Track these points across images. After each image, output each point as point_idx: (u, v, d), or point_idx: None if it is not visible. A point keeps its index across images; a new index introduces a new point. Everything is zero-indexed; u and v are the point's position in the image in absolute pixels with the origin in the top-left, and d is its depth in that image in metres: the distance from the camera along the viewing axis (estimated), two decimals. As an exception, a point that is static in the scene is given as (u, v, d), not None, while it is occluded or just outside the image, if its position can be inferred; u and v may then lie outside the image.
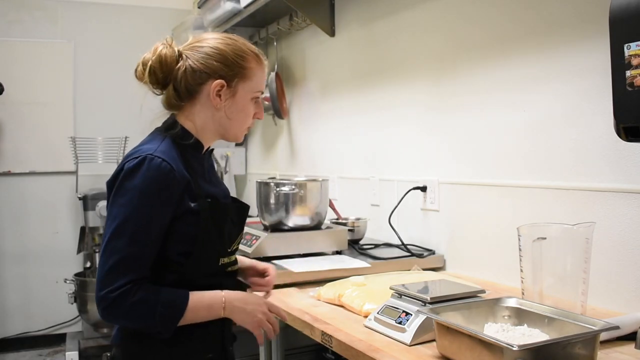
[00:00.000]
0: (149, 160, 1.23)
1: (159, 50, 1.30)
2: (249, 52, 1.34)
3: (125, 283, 1.19)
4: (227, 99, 1.33)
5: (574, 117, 1.67)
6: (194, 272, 1.29)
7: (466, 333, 1.13)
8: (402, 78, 2.45)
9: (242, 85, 1.33)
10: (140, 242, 1.21)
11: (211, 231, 1.30)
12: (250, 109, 1.37)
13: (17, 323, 4.03)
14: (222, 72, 1.31)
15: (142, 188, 1.22)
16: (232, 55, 1.31)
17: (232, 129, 1.37)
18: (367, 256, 2.13)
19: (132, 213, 1.22)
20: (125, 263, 1.20)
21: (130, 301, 1.19)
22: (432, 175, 2.25)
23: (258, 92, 1.37)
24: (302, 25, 3.17)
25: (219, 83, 1.31)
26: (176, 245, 1.27)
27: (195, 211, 1.27)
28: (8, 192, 4.02)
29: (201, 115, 1.35)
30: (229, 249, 1.38)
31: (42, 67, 4.06)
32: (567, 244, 1.40)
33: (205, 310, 1.27)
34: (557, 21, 1.73)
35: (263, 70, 1.37)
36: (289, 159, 3.54)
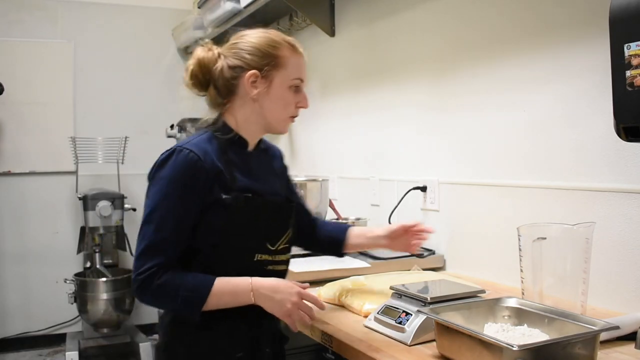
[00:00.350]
0: (178, 152, 1.30)
1: (197, 54, 1.38)
2: (282, 41, 1.37)
3: (151, 266, 1.25)
4: (263, 89, 1.35)
5: (574, 117, 1.67)
6: (222, 265, 1.31)
7: (466, 333, 1.13)
8: (402, 78, 2.45)
9: (276, 73, 1.35)
10: (167, 228, 1.27)
11: (244, 225, 1.32)
12: (288, 97, 1.38)
13: (17, 323, 4.02)
14: (255, 62, 1.34)
15: (169, 177, 1.29)
16: (263, 46, 1.35)
17: (272, 119, 1.39)
18: (367, 256, 2.13)
19: (160, 201, 1.29)
20: (152, 248, 1.27)
21: (156, 283, 1.24)
22: (432, 175, 2.25)
23: (296, 80, 1.38)
24: (302, 25, 3.17)
25: (252, 74, 1.34)
26: (206, 236, 1.31)
27: (225, 203, 1.30)
28: (8, 192, 4.02)
29: (242, 109, 1.39)
30: (270, 246, 1.37)
31: (42, 67, 4.05)
32: (567, 244, 1.40)
33: (229, 296, 1.28)
34: (556, 21, 1.73)
35: (299, 59, 1.39)
36: (289, 159, 3.54)
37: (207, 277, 1.28)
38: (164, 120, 4.01)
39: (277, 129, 1.43)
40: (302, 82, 1.40)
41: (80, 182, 3.91)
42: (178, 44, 4.35)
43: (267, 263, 1.37)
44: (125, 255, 4.00)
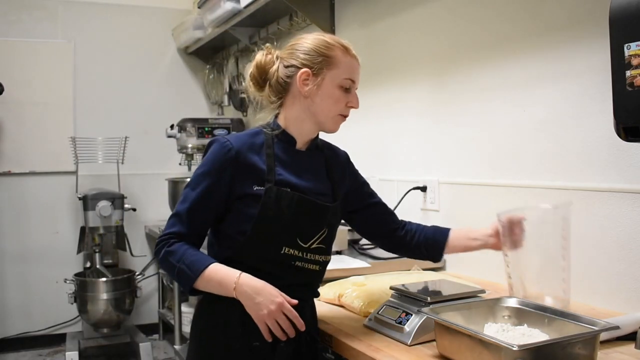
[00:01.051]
0: (217, 141, 1.40)
1: (257, 58, 1.46)
2: (335, 43, 1.43)
3: (167, 233, 1.37)
4: (314, 86, 1.41)
5: (574, 117, 1.67)
6: (249, 253, 1.37)
7: (466, 333, 1.13)
8: (402, 78, 2.45)
9: (328, 73, 1.40)
10: (188, 204, 1.37)
11: (274, 217, 1.36)
12: (338, 96, 1.42)
13: (17, 323, 4.02)
14: (307, 62, 1.40)
15: (204, 162, 1.40)
16: (316, 46, 1.41)
17: (322, 115, 1.44)
18: (367, 256, 2.13)
19: (192, 180, 1.40)
20: (174, 217, 1.39)
21: (166, 250, 1.36)
22: (432, 175, 2.25)
23: (347, 81, 1.42)
24: (302, 25, 3.17)
25: (304, 72, 1.40)
26: (238, 224, 1.38)
27: (257, 194, 1.36)
28: (8, 192, 4.02)
29: (294, 107, 1.44)
30: (302, 242, 1.39)
31: (42, 67, 4.05)
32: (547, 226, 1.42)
33: (216, 284, 1.33)
34: (556, 21, 1.73)
35: (351, 60, 1.43)
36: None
37: (206, 260, 1.35)
38: (164, 120, 4.01)
39: (327, 126, 1.47)
40: (353, 82, 1.44)
41: (80, 182, 3.91)
42: (178, 44, 4.35)
43: (295, 258, 1.39)
44: (125, 255, 4.00)
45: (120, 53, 4.24)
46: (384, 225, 1.65)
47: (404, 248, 1.64)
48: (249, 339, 1.35)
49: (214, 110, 4.47)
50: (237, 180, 1.37)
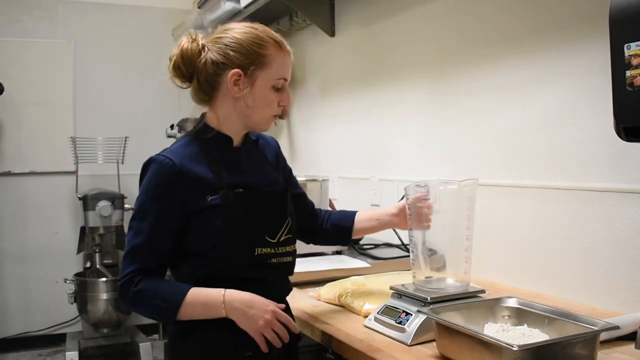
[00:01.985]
0: (155, 161, 1.32)
1: (182, 44, 1.34)
2: (268, 39, 1.33)
3: (128, 272, 1.27)
4: (246, 88, 1.32)
5: (574, 117, 1.67)
6: (225, 265, 1.30)
7: (466, 333, 1.13)
8: (402, 78, 2.45)
9: (260, 73, 1.32)
10: (143, 235, 1.28)
11: (238, 221, 1.30)
12: (271, 97, 1.35)
13: (17, 323, 4.02)
14: (239, 61, 1.31)
15: (146, 185, 1.32)
16: (248, 43, 1.31)
17: (254, 118, 1.36)
18: (367, 256, 2.13)
19: (138, 209, 1.31)
20: (130, 254, 1.29)
21: (132, 290, 1.26)
22: (432, 175, 2.25)
23: (280, 80, 1.35)
24: (302, 25, 3.17)
25: (235, 72, 1.31)
26: (202, 239, 1.29)
27: (215, 205, 1.29)
28: (8, 192, 4.02)
29: (224, 106, 1.36)
30: (271, 239, 1.34)
31: (42, 67, 4.05)
32: (452, 205, 1.44)
33: (201, 308, 1.26)
34: (557, 21, 1.73)
35: (284, 57, 1.35)
36: (289, 159, 3.53)
37: (182, 287, 1.27)
38: (164, 120, 4.02)
39: (259, 128, 1.40)
40: (286, 81, 1.37)
41: (80, 182, 3.91)
42: (178, 44, 4.34)
43: (269, 256, 1.34)
44: (125, 255, 3.99)
45: (120, 53, 4.24)
46: (309, 216, 1.61)
47: (315, 236, 1.62)
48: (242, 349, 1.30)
49: (214, 110, 4.46)
50: (188, 195, 1.29)
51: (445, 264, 1.46)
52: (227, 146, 1.38)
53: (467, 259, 1.42)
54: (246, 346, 1.29)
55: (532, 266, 1.81)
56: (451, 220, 1.46)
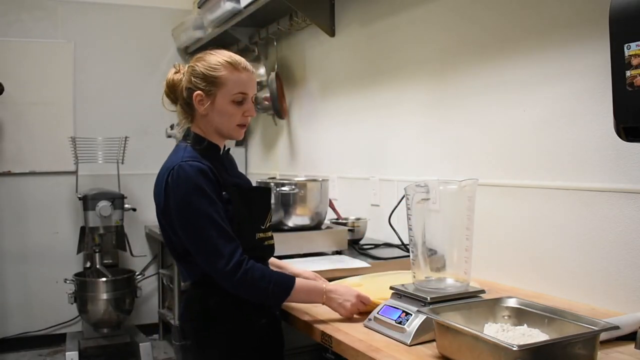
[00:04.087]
0: (183, 167, 1.50)
1: (168, 76, 1.64)
2: (223, 61, 1.56)
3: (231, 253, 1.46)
4: (208, 105, 1.56)
5: (574, 117, 1.67)
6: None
7: (466, 333, 1.13)
8: (402, 78, 2.45)
9: (218, 91, 1.56)
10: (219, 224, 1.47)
11: (243, 213, 1.56)
12: (231, 110, 1.57)
13: (17, 323, 4.02)
14: (199, 84, 1.56)
15: (191, 186, 1.48)
16: (204, 69, 1.56)
17: (222, 128, 1.60)
18: (367, 256, 2.13)
19: (197, 207, 1.47)
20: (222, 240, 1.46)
21: (245, 274, 1.45)
22: (432, 175, 2.25)
23: (237, 95, 1.57)
24: (302, 25, 3.17)
25: (197, 94, 1.56)
26: None
27: (226, 199, 1.54)
28: (8, 192, 4.02)
29: (202, 122, 1.61)
30: (262, 226, 1.63)
31: (43, 67, 4.05)
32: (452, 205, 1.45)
33: (305, 294, 1.53)
34: (557, 21, 1.73)
35: (239, 76, 1.57)
36: (289, 159, 3.54)
37: (289, 276, 1.53)
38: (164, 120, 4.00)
39: (231, 136, 1.63)
40: (246, 94, 1.58)
41: (80, 182, 3.91)
42: (178, 44, 4.35)
43: (264, 240, 1.63)
44: (125, 255, 4.00)
45: (120, 53, 4.24)
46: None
47: None
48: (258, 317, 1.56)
49: (214, 110, 4.46)
50: (217, 190, 1.52)
51: (445, 264, 1.46)
52: (216, 154, 1.63)
53: (467, 258, 1.42)
54: (262, 314, 1.57)
55: (532, 266, 1.81)
56: (451, 220, 1.46)
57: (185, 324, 1.61)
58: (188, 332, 1.59)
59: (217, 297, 1.54)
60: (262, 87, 3.53)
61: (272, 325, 1.63)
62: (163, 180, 1.53)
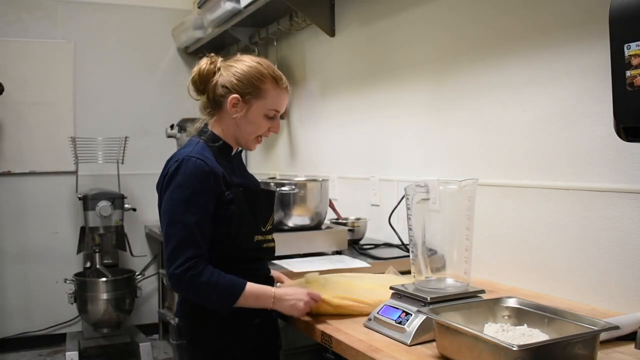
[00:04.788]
0: (187, 161, 1.50)
1: (202, 64, 1.59)
2: (268, 75, 1.57)
3: (186, 259, 1.44)
4: (242, 111, 1.56)
5: (575, 117, 1.67)
6: (235, 249, 1.55)
7: (466, 333, 1.13)
8: (402, 78, 2.45)
9: (256, 102, 1.56)
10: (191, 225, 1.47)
11: (245, 214, 1.56)
12: (261, 123, 1.59)
13: (17, 323, 4.02)
14: (240, 88, 1.55)
15: (184, 183, 1.49)
16: (250, 76, 1.55)
17: (242, 137, 1.61)
18: (367, 256, 2.13)
19: (180, 205, 1.48)
20: (183, 243, 1.46)
21: (194, 279, 1.44)
22: (432, 175, 2.25)
23: (272, 110, 1.58)
24: (302, 25, 3.17)
25: (234, 97, 1.55)
26: (218, 228, 1.53)
27: (229, 199, 1.53)
28: (8, 192, 4.02)
29: (225, 122, 1.60)
30: (263, 228, 1.63)
31: (42, 67, 4.05)
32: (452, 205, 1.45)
33: (253, 299, 1.50)
34: (557, 21, 1.73)
35: (280, 92, 1.59)
36: (289, 159, 3.54)
37: (240, 282, 1.49)
38: (164, 120, 4.01)
39: (245, 146, 1.65)
40: (278, 112, 1.60)
41: (80, 182, 3.91)
42: (178, 44, 4.35)
43: (262, 242, 1.62)
44: (125, 255, 4.00)
45: (120, 53, 4.24)
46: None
47: None
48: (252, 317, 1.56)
49: (214, 110, 4.46)
50: (216, 190, 1.51)
51: (445, 264, 1.46)
52: (229, 154, 1.64)
53: (467, 259, 1.42)
54: (254, 314, 1.56)
55: (532, 266, 1.81)
56: (451, 220, 1.46)
57: (180, 322, 1.62)
58: (183, 331, 1.60)
59: None
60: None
61: (267, 325, 1.64)
62: (166, 170, 1.53)
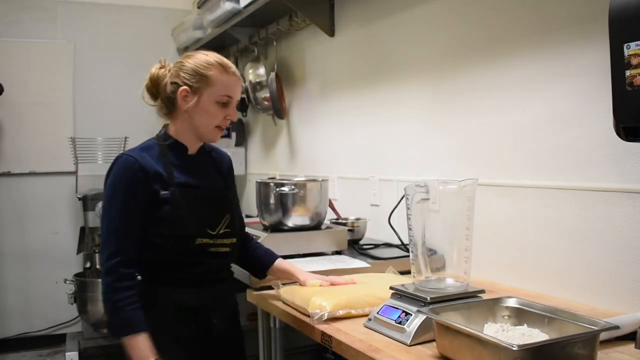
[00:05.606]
0: (119, 158, 1.56)
1: (152, 70, 1.64)
2: (214, 62, 1.58)
3: (107, 257, 1.49)
4: (192, 102, 1.57)
5: (574, 116, 1.67)
6: (170, 251, 1.55)
7: (466, 333, 1.13)
8: (402, 78, 2.45)
9: (205, 90, 1.56)
10: (115, 223, 1.51)
11: (184, 214, 1.55)
12: (214, 111, 1.58)
13: (17, 323, 4.02)
14: (187, 80, 1.57)
15: (114, 181, 1.54)
16: (196, 65, 1.57)
17: (199, 129, 1.60)
18: (366, 256, 2.13)
19: (109, 202, 1.53)
20: (106, 241, 1.51)
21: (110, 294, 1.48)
22: (432, 175, 2.25)
23: (223, 97, 1.58)
24: (301, 25, 3.17)
25: (183, 89, 1.57)
26: (154, 228, 1.54)
27: (166, 198, 1.54)
28: (8, 193, 4.02)
29: (179, 119, 1.62)
30: (211, 231, 1.59)
31: (42, 67, 4.05)
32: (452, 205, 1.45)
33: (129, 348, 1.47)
34: (557, 21, 1.73)
35: (228, 78, 1.58)
36: (289, 159, 3.54)
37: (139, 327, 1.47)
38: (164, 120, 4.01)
39: (206, 137, 1.63)
40: (231, 98, 1.59)
41: (80, 182, 3.90)
42: (178, 44, 4.35)
43: (208, 246, 1.58)
44: (125, 255, 3.99)
45: (120, 53, 4.24)
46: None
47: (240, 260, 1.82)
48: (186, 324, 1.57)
49: (213, 110, 4.47)
50: (147, 188, 1.53)
51: (444, 264, 1.46)
52: (183, 153, 1.63)
53: (467, 258, 1.42)
54: (190, 319, 1.57)
55: (531, 266, 1.81)
56: (451, 220, 1.46)
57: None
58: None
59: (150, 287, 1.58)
60: (261, 87, 3.53)
61: (204, 335, 1.59)
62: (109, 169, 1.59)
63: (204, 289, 1.59)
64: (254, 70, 3.57)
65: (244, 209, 4.16)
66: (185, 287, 1.57)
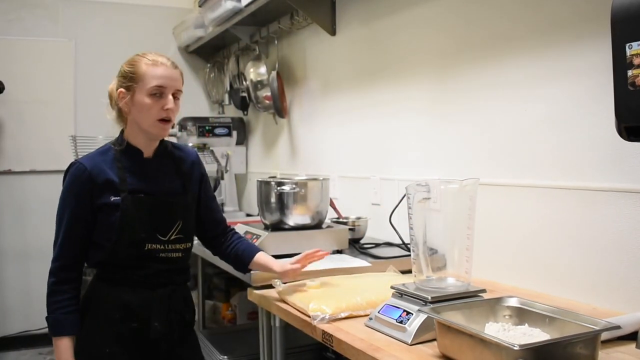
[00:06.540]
0: (72, 166, 1.62)
1: (109, 87, 1.70)
2: (139, 59, 1.62)
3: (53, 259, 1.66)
4: (129, 100, 1.61)
5: (575, 116, 1.67)
6: (118, 255, 1.59)
7: (467, 332, 1.13)
8: (403, 77, 2.45)
9: (136, 86, 1.59)
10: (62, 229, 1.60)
11: (133, 220, 1.58)
12: (148, 104, 1.59)
13: (17, 321, 4.02)
14: (122, 82, 1.62)
15: (65, 188, 1.61)
16: (126, 66, 1.63)
17: (143, 126, 1.62)
18: (367, 255, 2.13)
19: (59, 207, 1.62)
20: (54, 245, 1.64)
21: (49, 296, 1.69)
22: (433, 174, 2.25)
23: (154, 88, 1.58)
24: (303, 24, 3.17)
25: (120, 92, 1.62)
26: (102, 232, 1.59)
27: (115, 204, 1.58)
28: (8, 191, 4.02)
29: (128, 123, 1.66)
30: (162, 237, 1.62)
31: (43, 65, 4.05)
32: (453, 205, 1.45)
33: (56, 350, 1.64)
34: (558, 20, 1.73)
35: (154, 69, 1.59)
36: (290, 158, 3.54)
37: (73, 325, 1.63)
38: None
39: (152, 134, 1.64)
40: (163, 88, 1.59)
41: (81, 180, 3.90)
42: (179, 43, 4.35)
43: (158, 251, 1.62)
44: (126, 253, 3.99)
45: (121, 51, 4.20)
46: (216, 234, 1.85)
47: (220, 254, 1.88)
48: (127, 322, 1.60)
49: (214, 109, 4.47)
50: (95, 195, 1.58)
51: (446, 264, 1.46)
52: (137, 157, 1.66)
53: (468, 258, 1.42)
54: (132, 318, 1.60)
55: (533, 266, 1.81)
56: (452, 219, 1.46)
57: None
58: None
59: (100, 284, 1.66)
60: (262, 86, 3.53)
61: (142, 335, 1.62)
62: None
63: (148, 291, 1.62)
64: (255, 69, 3.57)
65: (245, 207, 4.16)
66: (131, 287, 1.61)
